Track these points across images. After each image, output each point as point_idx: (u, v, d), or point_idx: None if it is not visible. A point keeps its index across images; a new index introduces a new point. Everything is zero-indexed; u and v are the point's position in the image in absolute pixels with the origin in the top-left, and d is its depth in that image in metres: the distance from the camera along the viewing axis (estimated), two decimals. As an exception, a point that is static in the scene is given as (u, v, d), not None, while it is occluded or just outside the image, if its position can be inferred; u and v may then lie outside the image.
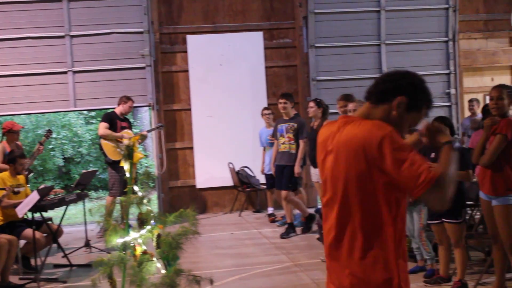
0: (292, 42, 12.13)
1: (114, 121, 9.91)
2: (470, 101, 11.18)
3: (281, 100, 9.54)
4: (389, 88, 2.79)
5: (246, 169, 11.70)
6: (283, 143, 9.47)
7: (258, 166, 11.01)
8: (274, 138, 9.78)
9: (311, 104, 9.09)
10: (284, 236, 9.38)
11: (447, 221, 6.31)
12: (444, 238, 6.50)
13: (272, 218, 10.70)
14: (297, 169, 9.17)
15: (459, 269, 6.34)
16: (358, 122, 2.77)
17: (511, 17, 12.24)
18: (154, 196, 11.82)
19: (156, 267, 4.57)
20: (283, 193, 9.44)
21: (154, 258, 4.57)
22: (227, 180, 11.74)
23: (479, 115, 10.54)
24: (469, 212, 7.71)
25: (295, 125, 9.38)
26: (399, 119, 2.79)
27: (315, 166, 8.63)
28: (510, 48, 12.57)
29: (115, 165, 9.66)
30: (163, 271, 4.54)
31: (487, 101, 9.19)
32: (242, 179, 11.58)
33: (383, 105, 2.80)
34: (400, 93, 2.77)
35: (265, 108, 10.98)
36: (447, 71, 12.07)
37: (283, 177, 9.43)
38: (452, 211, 6.26)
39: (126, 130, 9.93)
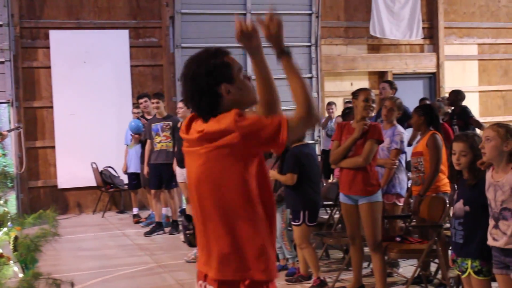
0: (158, 42, 12.05)
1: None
2: (328, 104, 11.60)
3: (154, 100, 9.62)
4: (207, 89, 2.79)
5: (110, 169, 11.50)
6: (160, 142, 9.46)
7: (122, 165, 10.85)
8: (148, 137, 9.69)
9: (180, 104, 9.09)
10: (148, 234, 9.42)
11: (292, 223, 6.55)
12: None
13: (137, 219, 10.58)
14: (174, 166, 9.16)
15: (312, 267, 6.56)
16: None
17: (369, 25, 12.80)
18: (12, 196, 11.33)
19: (13, 271, 4.39)
20: (154, 192, 9.59)
21: (11, 262, 4.39)
22: (90, 180, 11.48)
23: (336, 117, 11.00)
24: (329, 212, 7.97)
25: (171, 123, 9.42)
26: (235, 98, 2.80)
27: (181, 167, 8.64)
28: (369, 54, 13.14)
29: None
30: (21, 275, 4.38)
31: (348, 105, 9.58)
32: (106, 179, 11.38)
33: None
34: (218, 82, 2.78)
35: (136, 107, 10.83)
36: (309, 75, 12.42)
37: (159, 176, 9.47)
38: (292, 214, 6.52)
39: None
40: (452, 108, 9.81)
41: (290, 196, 6.55)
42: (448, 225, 6.71)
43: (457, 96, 9.84)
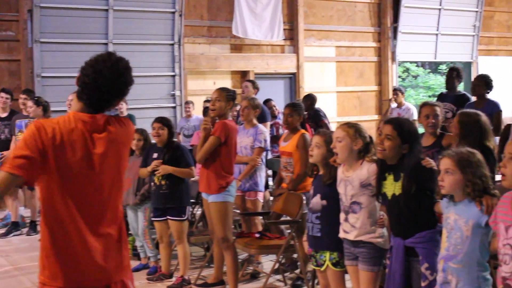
0: (15, 36, 11.57)
1: None
2: (186, 103, 11.64)
3: (22, 96, 9.42)
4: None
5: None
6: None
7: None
8: (12, 133, 9.31)
9: (29, 103, 8.80)
10: (3, 235, 9.09)
11: (172, 218, 6.53)
12: (165, 235, 6.72)
13: (-9, 220, 10.15)
14: None
15: (181, 265, 6.59)
16: None
17: (232, 25, 12.96)
18: None
19: None
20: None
21: None
22: None
23: (196, 116, 11.09)
24: (191, 209, 8.03)
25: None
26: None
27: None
28: (231, 54, 13.30)
29: None
30: None
31: (207, 104, 9.66)
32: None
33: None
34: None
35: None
36: (172, 74, 12.42)
37: None
38: (176, 209, 6.50)
39: None
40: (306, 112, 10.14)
41: (175, 192, 6.49)
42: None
43: (312, 101, 10.24)
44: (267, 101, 10.41)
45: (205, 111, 8.78)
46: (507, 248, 3.23)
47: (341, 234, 4.55)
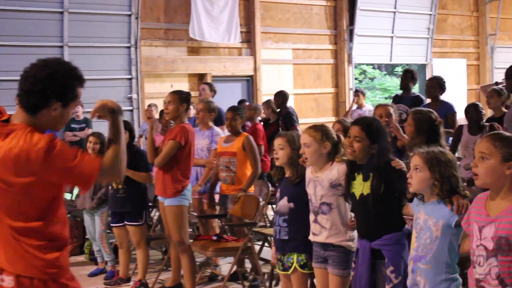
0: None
1: None
2: (149, 106, 11.58)
3: None
4: (40, 100, 2.91)
5: None
6: None
7: None
8: None
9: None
10: None
11: (129, 223, 6.49)
12: (125, 241, 6.68)
13: None
14: None
15: (140, 269, 6.57)
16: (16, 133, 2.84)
17: (189, 28, 12.93)
18: None
19: None
20: None
21: None
22: None
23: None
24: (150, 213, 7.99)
25: None
26: (60, 117, 2.99)
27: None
28: (188, 56, 13.26)
29: None
30: None
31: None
32: None
33: (41, 112, 2.92)
34: (52, 98, 2.92)
35: None
36: (129, 76, 12.33)
37: None
38: (133, 213, 6.47)
39: None
40: (279, 110, 10.15)
41: (132, 196, 6.45)
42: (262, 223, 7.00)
43: (284, 98, 10.20)
44: (242, 102, 10.43)
45: (161, 114, 8.76)
46: (481, 249, 3.16)
47: (310, 237, 4.52)
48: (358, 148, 4.14)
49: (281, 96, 10.19)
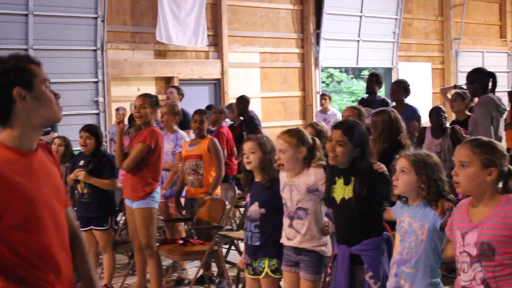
0: None
1: None
2: (117, 109, 11.53)
3: None
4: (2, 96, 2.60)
5: None
6: None
7: None
8: None
9: None
10: None
11: (95, 228, 6.45)
12: (92, 246, 6.63)
13: None
14: None
15: (106, 273, 6.53)
16: None
17: (156, 31, 12.89)
18: None
19: None
20: None
21: None
22: None
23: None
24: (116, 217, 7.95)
25: None
26: (36, 102, 2.66)
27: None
28: (155, 60, 13.22)
29: None
30: None
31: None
32: None
33: (13, 113, 2.61)
34: (11, 87, 2.59)
35: None
36: (95, 80, 12.24)
37: None
38: (99, 218, 6.43)
39: None
40: (241, 115, 10.14)
41: (97, 201, 6.38)
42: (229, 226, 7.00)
43: (245, 104, 10.17)
44: (209, 107, 10.43)
45: (131, 118, 8.72)
46: (464, 256, 3.15)
47: (283, 241, 4.49)
48: (341, 153, 4.08)
49: (243, 102, 10.14)
